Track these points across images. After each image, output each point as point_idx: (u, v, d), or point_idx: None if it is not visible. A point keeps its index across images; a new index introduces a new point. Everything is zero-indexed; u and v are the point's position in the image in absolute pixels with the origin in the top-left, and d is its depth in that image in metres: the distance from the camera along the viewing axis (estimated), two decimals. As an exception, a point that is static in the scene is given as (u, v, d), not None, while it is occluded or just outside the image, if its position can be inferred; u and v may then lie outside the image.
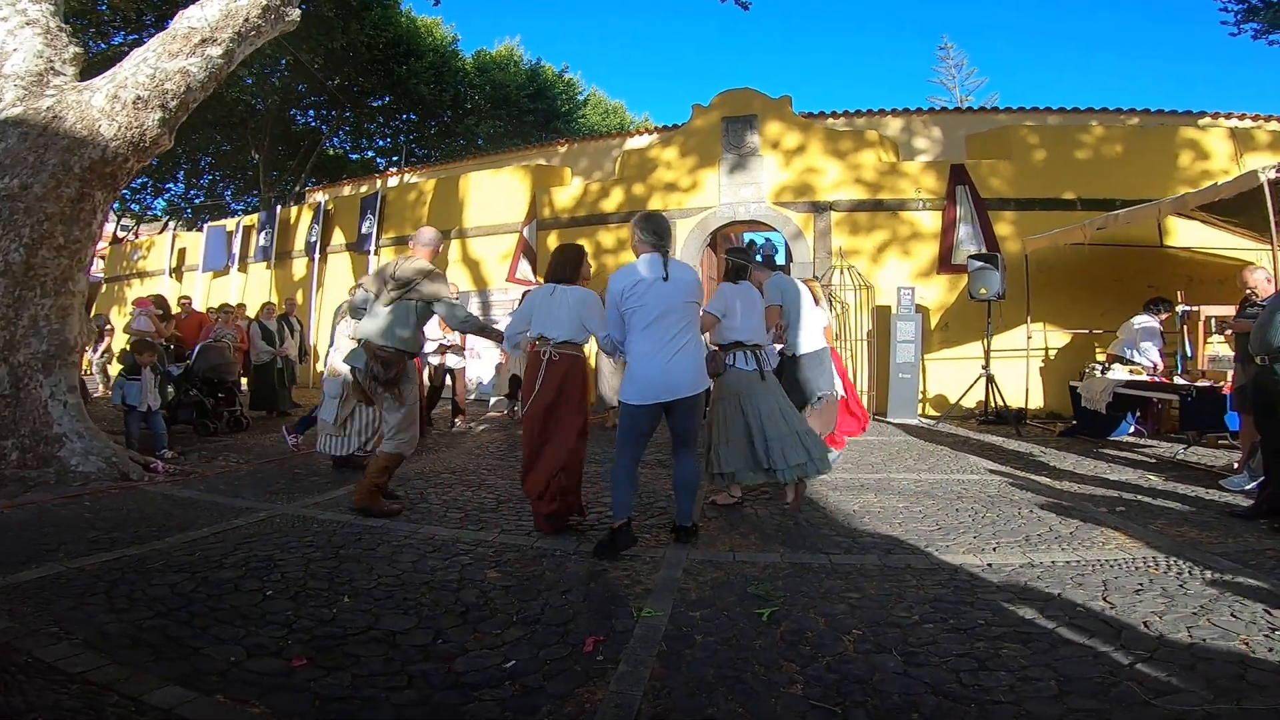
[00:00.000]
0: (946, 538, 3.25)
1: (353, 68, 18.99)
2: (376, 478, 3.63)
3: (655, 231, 3.12)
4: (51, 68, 4.65)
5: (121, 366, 5.94)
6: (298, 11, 5.24)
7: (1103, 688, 1.79)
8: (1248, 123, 10.08)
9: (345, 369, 4.33)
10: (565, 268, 3.43)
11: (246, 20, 4.83)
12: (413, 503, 3.92)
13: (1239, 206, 5.55)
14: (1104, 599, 2.42)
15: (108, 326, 11.42)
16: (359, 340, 3.71)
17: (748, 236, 16.02)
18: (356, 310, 4.09)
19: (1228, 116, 10.40)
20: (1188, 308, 5.98)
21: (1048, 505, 3.90)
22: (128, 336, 7.09)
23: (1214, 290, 6.64)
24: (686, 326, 3.10)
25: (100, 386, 10.46)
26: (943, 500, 4.04)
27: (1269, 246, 4.89)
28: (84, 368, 7.84)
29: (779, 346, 4.55)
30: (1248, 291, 4.52)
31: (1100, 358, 7.30)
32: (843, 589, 2.56)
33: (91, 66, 5.61)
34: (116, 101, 4.48)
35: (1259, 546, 3.09)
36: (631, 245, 3.25)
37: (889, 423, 7.70)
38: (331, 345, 5.26)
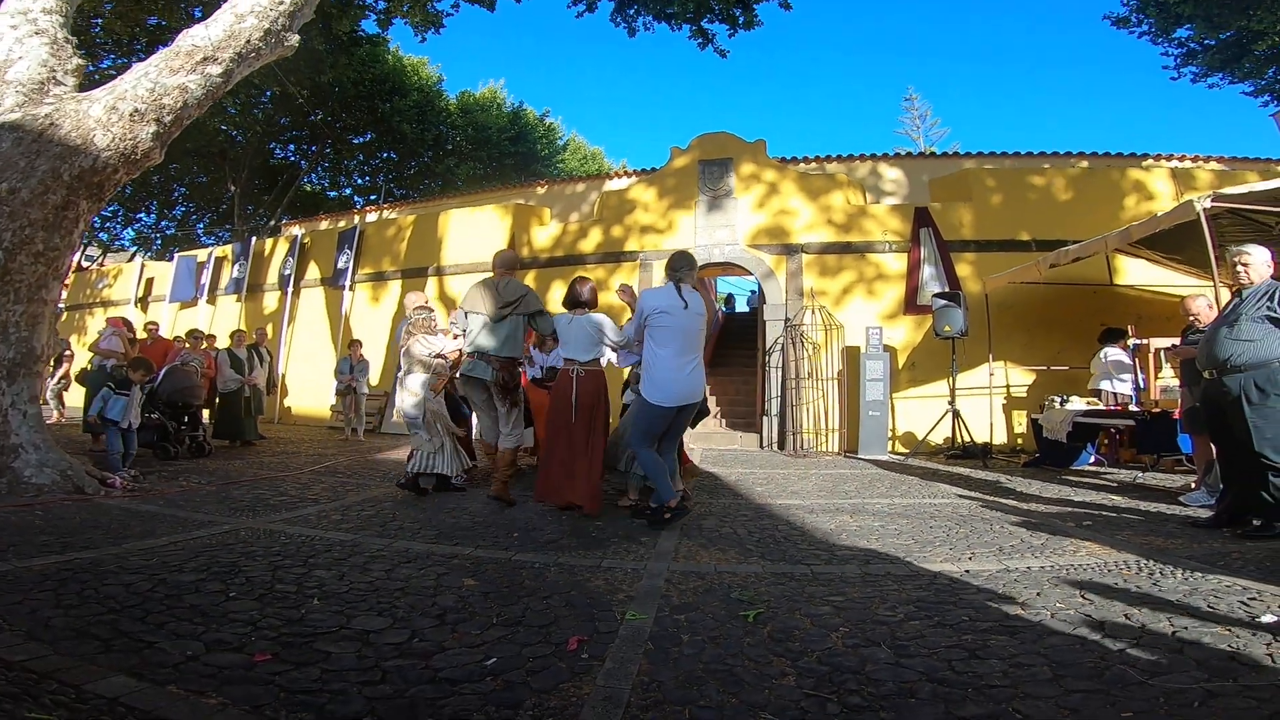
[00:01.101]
0: (923, 550, 3.28)
1: (337, 103, 19.14)
2: (507, 470, 4.25)
3: (676, 267, 3.82)
4: (54, 77, 4.72)
5: (85, 389, 5.77)
6: (296, 38, 5.36)
7: (1096, 671, 1.81)
8: (1188, 163, 10.79)
9: (421, 393, 4.71)
10: (578, 297, 4.09)
11: (248, 42, 4.94)
12: (384, 521, 3.81)
13: (1180, 242, 5.91)
14: (1082, 597, 2.45)
15: (67, 352, 11.01)
16: (476, 354, 4.18)
17: (720, 287, 16.32)
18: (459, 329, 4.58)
19: (1169, 158, 11.13)
20: (1138, 341, 6.29)
21: (1018, 522, 3.97)
22: (91, 355, 6.87)
23: (1162, 325, 6.99)
24: (698, 345, 3.78)
25: (55, 413, 10.02)
26: (917, 519, 4.09)
27: (1210, 282, 5.20)
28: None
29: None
30: (1190, 319, 4.77)
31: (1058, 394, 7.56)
32: (826, 594, 2.56)
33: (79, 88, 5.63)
34: (114, 113, 4.53)
35: (1224, 549, 3.20)
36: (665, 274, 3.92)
37: (860, 459, 7.80)
38: (402, 374, 5.07)
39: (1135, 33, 12.61)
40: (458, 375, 4.52)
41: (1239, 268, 3.64)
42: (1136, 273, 8.32)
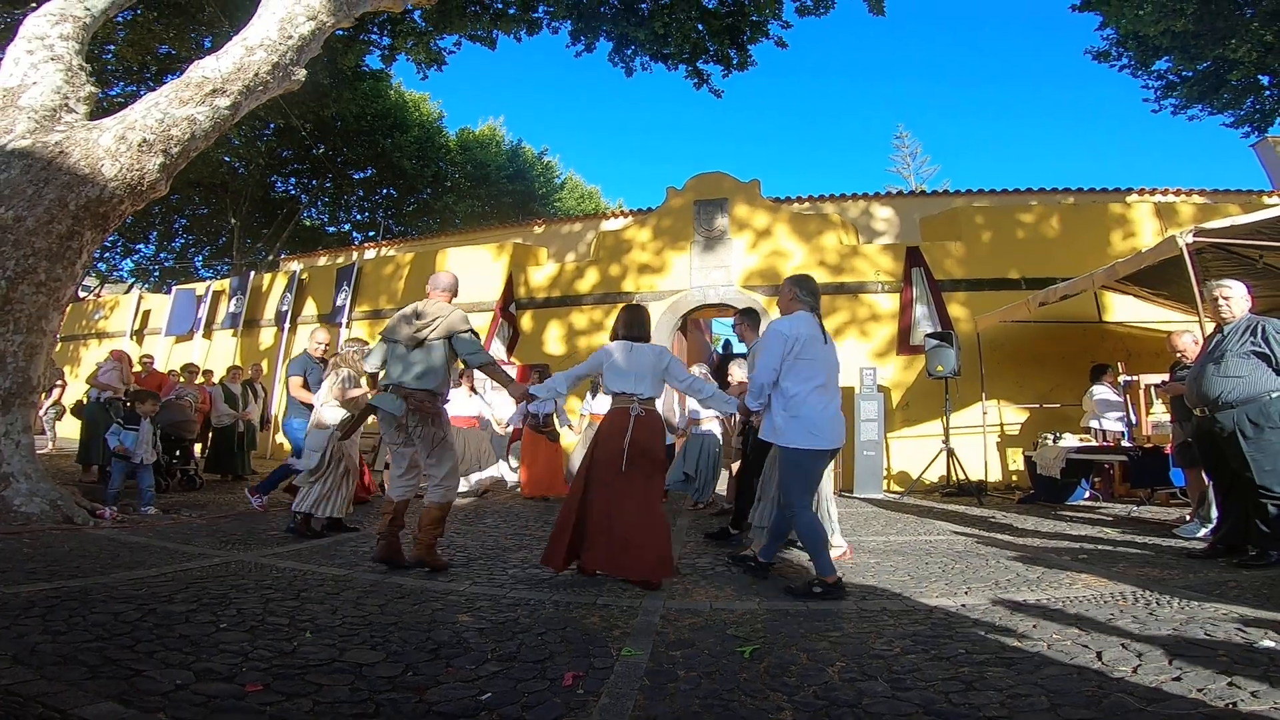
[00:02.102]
0: (919, 585, 3.27)
1: (340, 137, 19.39)
2: (432, 530, 3.46)
3: (813, 293, 3.36)
4: (66, 104, 4.74)
5: (81, 421, 5.71)
6: (303, 73, 5.49)
7: (1094, 700, 1.81)
8: (1171, 197, 10.97)
9: (332, 422, 4.32)
10: (643, 326, 3.55)
11: (256, 75, 5.02)
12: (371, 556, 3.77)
13: (1165, 278, 6.00)
14: (1078, 628, 2.45)
15: (59, 382, 10.97)
16: (386, 386, 3.53)
17: (716, 328, 16.36)
18: (370, 362, 3.99)
19: (1153, 192, 11.28)
20: (1128, 378, 6.36)
21: (1013, 557, 3.97)
22: (88, 388, 6.86)
23: (1151, 361, 7.09)
24: (839, 383, 3.36)
25: (49, 443, 9.94)
26: (912, 556, 4.08)
27: (1196, 317, 5.29)
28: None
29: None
30: (1178, 355, 4.85)
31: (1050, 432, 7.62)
32: (822, 629, 2.55)
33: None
34: (123, 142, 4.55)
35: (1220, 579, 3.21)
36: (781, 304, 3.44)
37: (855, 498, 7.78)
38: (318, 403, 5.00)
39: (1116, 66, 12.68)
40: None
41: (1220, 303, 3.72)
42: (1125, 309, 8.45)
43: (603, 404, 7.24)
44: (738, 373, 5.60)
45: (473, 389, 7.33)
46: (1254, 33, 9.42)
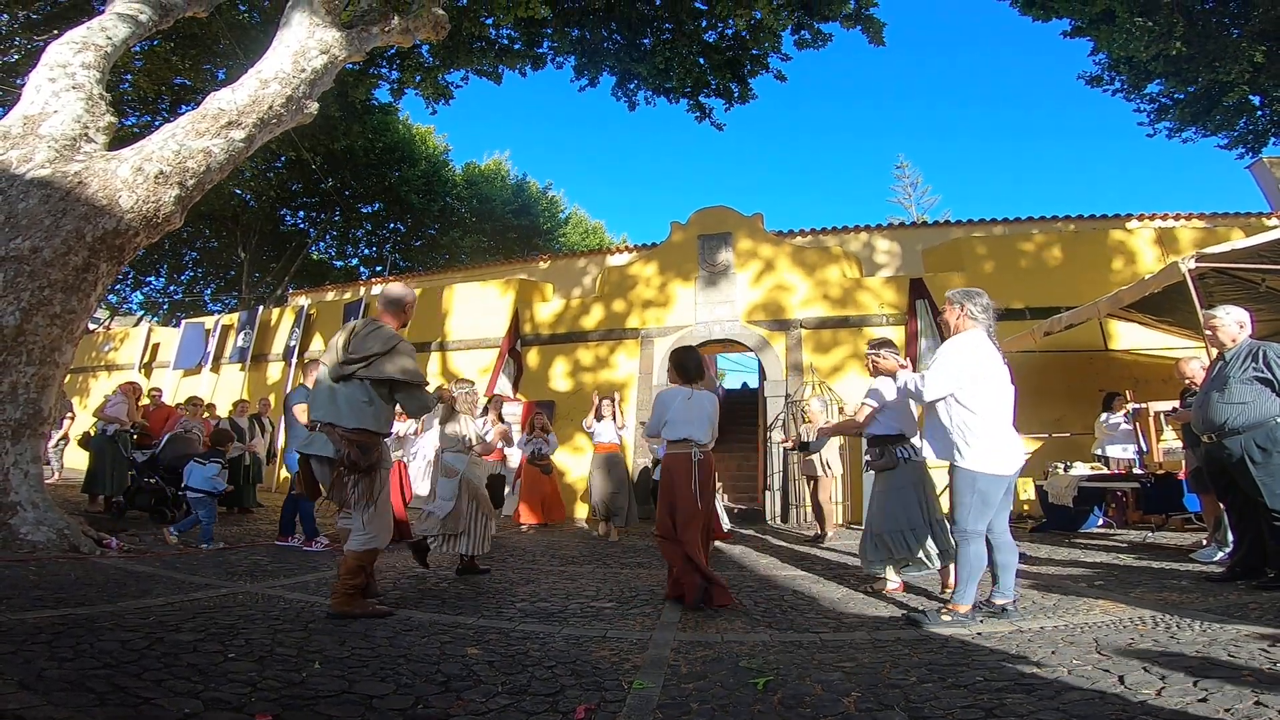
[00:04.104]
0: (934, 614, 3.20)
1: (349, 170, 19.67)
2: (351, 580, 3.06)
3: (985, 309, 3.26)
4: (85, 133, 4.75)
5: (89, 453, 5.68)
6: (316, 106, 5.61)
7: None
8: (1170, 222, 10.99)
9: (461, 469, 4.28)
10: (699, 368, 3.75)
11: (271, 108, 5.10)
12: (384, 590, 3.74)
13: (1170, 304, 5.98)
14: (1098, 652, 2.41)
15: (69, 413, 11.02)
16: (318, 424, 3.08)
17: (720, 363, 16.34)
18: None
19: (1153, 217, 11.34)
20: (1137, 405, 6.33)
21: (1029, 584, 3.92)
22: (95, 420, 6.89)
23: (1160, 388, 7.04)
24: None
25: (54, 473, 9.94)
26: (926, 585, 4.02)
27: (1202, 343, 5.29)
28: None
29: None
30: (1186, 382, 4.84)
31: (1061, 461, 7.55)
32: (836, 660, 2.50)
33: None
34: (140, 174, 4.57)
35: (1241, 601, 3.16)
36: (953, 321, 3.32)
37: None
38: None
39: (1109, 90, 12.69)
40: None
41: (1208, 332, 3.75)
42: (1131, 337, 8.43)
43: (608, 431, 7.30)
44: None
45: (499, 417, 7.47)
46: (1244, 52, 9.43)
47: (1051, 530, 6.67)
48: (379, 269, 22.92)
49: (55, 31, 6.47)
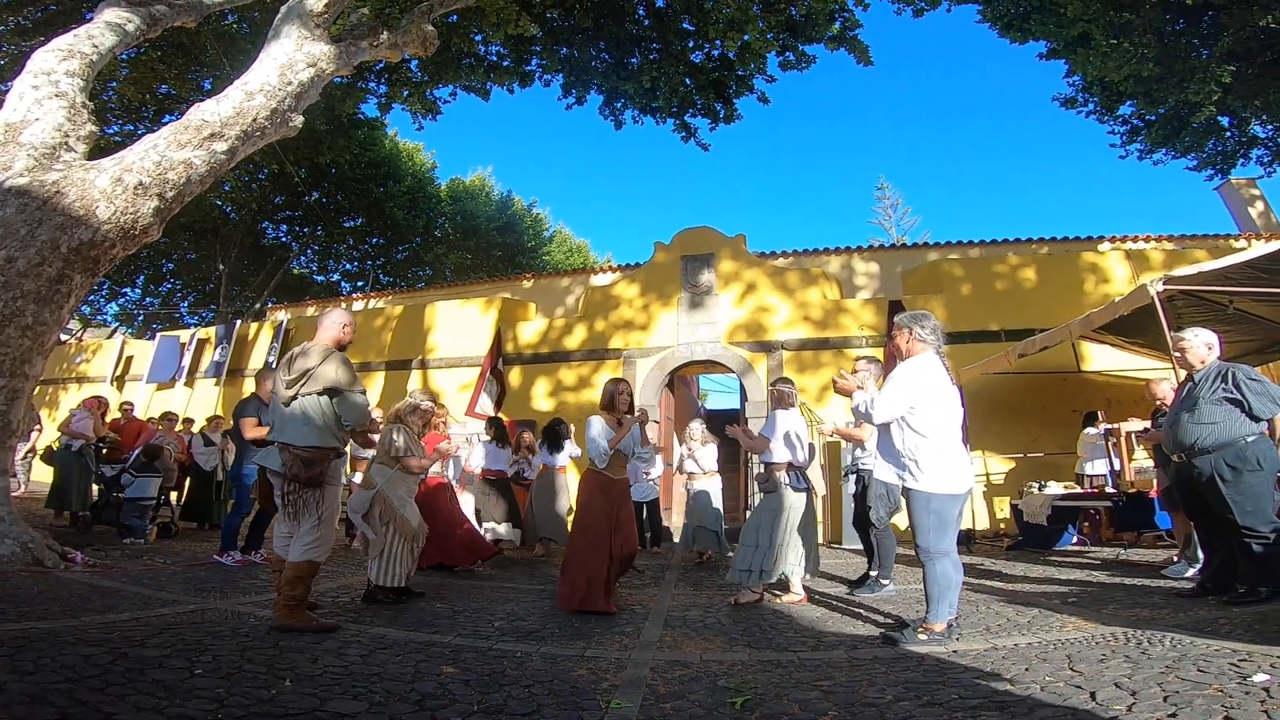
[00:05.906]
0: (910, 632, 3.23)
1: (333, 184, 19.46)
2: (292, 591, 3.05)
3: (937, 332, 3.27)
4: (66, 142, 4.67)
5: (54, 468, 5.56)
6: (300, 119, 5.56)
7: None
8: (1141, 244, 11.27)
9: (381, 482, 4.07)
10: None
11: (255, 120, 5.04)
12: (358, 608, 3.68)
13: (1140, 326, 6.10)
14: (1071, 669, 2.43)
15: (36, 426, 10.70)
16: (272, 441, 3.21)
17: (703, 384, 16.33)
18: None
19: (1124, 239, 11.61)
20: (1108, 426, 6.46)
21: (1004, 602, 3.96)
22: (59, 434, 6.74)
23: (1132, 409, 7.17)
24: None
25: (20, 486, 9.63)
26: (902, 604, 4.07)
27: (1171, 364, 5.41)
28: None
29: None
30: (1157, 403, 4.95)
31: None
32: (813, 679, 2.51)
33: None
34: (119, 185, 4.50)
35: (1211, 617, 3.20)
36: (903, 345, 3.29)
37: (843, 548, 7.73)
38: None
39: (1083, 112, 12.88)
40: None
41: (1177, 354, 3.86)
42: (1103, 358, 8.59)
43: (561, 457, 7.12)
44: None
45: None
46: (1212, 73, 9.56)
47: (1027, 548, 6.75)
48: (361, 284, 22.71)
49: (45, 38, 6.37)
